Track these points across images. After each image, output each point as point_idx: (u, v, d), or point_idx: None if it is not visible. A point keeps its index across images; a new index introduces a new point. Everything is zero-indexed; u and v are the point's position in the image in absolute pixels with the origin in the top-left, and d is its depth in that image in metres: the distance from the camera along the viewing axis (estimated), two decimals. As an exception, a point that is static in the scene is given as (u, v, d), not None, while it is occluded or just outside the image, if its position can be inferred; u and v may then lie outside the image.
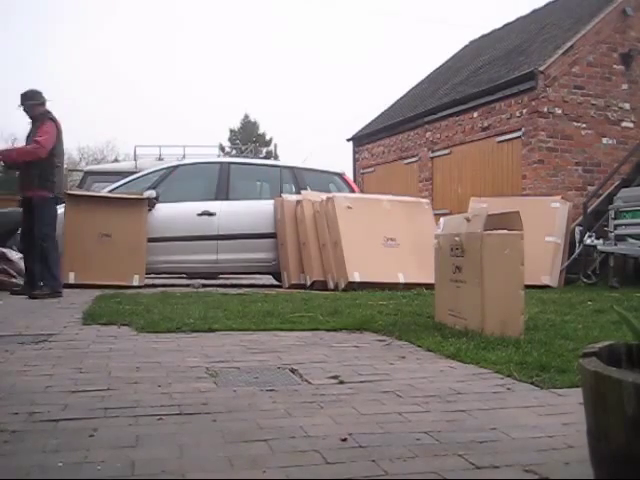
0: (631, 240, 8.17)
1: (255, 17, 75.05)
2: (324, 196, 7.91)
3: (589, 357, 1.26)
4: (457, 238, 3.93)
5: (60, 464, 1.52)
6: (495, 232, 3.63)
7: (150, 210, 7.84)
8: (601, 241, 8.43)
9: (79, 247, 7.36)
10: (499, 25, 16.76)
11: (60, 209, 8.19)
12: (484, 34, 17.29)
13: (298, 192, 8.68)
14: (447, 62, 17.37)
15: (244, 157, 13.07)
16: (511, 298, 3.57)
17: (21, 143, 7.39)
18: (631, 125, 11.16)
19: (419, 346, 3.30)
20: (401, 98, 17.27)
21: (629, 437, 1.10)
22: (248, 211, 8.31)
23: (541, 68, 10.58)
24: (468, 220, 3.90)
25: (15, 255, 7.35)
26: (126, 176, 8.68)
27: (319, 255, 7.73)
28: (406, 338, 3.52)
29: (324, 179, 9.34)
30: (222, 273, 9.38)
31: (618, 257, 8.43)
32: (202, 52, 74.43)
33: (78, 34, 70.66)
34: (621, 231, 8.35)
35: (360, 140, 16.32)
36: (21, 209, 6.62)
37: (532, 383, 2.41)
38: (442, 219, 4.49)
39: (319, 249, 7.77)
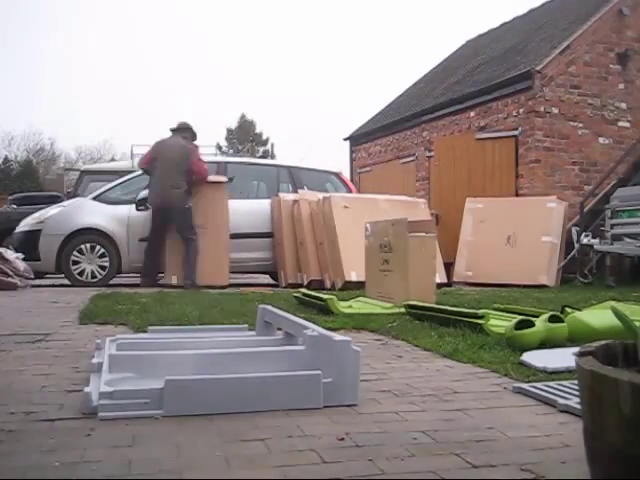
0: (627, 239, 8.19)
1: (251, 16, 75.03)
2: (321, 196, 7.91)
3: (585, 356, 1.26)
4: (386, 238, 5.22)
5: (57, 464, 1.51)
6: (417, 235, 5.02)
7: (146, 210, 7.83)
8: (597, 240, 8.44)
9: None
10: (496, 24, 16.79)
11: (55, 209, 8.19)
12: (481, 33, 17.30)
13: (295, 191, 8.69)
14: (444, 61, 17.37)
15: (241, 156, 13.07)
16: (427, 281, 4.97)
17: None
18: (627, 125, 11.18)
19: (416, 345, 3.30)
20: (398, 97, 17.26)
21: (625, 436, 1.11)
22: (245, 210, 8.31)
23: (538, 68, 10.59)
24: (393, 225, 5.21)
25: (12, 254, 7.32)
26: (123, 175, 8.66)
27: (316, 254, 7.74)
28: (403, 337, 3.53)
29: (321, 178, 9.35)
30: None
31: (614, 256, 8.45)
32: (199, 51, 74.43)
33: (75, 32, 70.56)
34: (617, 230, 8.37)
35: (357, 139, 16.31)
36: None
37: (528, 382, 2.41)
38: (368, 224, 5.66)
39: (316, 248, 7.77)
